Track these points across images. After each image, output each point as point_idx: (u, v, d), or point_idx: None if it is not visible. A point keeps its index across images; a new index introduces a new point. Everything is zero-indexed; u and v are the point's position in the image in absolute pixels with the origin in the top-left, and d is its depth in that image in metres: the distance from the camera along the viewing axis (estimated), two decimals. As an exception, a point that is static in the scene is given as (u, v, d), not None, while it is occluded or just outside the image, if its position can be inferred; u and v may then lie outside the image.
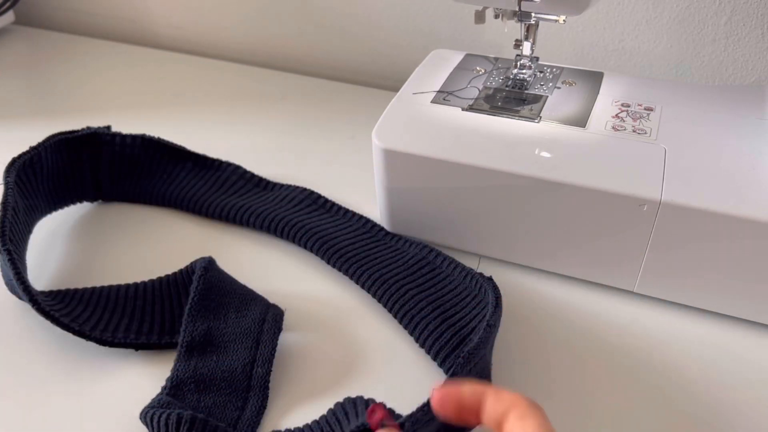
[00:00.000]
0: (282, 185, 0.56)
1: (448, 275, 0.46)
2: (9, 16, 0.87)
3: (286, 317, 0.44)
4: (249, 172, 0.57)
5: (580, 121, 0.47)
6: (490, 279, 0.43)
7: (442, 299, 0.44)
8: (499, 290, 0.42)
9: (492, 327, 0.39)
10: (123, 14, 0.88)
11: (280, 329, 0.42)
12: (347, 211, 0.53)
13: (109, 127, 0.55)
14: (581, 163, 0.44)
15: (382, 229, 0.51)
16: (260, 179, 0.56)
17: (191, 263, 0.45)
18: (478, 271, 0.45)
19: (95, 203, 0.56)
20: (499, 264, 0.50)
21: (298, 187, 0.55)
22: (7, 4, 0.85)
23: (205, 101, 0.72)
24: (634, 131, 0.46)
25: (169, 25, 0.86)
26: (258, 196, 0.55)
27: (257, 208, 0.52)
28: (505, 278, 0.49)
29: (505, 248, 0.49)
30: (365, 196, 0.56)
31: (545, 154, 0.45)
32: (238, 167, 0.57)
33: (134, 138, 0.55)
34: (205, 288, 0.42)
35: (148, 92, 0.74)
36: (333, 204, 0.53)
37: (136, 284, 0.45)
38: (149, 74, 0.78)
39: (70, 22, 0.92)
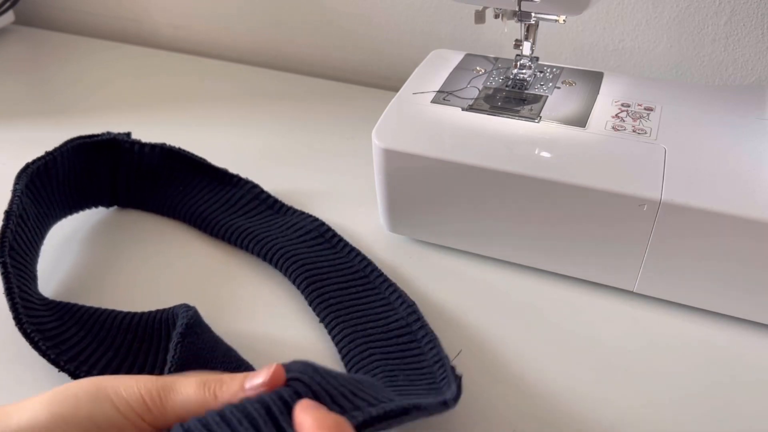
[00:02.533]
0: (295, 211, 0.53)
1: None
2: (9, 16, 0.87)
3: None
4: (265, 193, 0.54)
5: (580, 121, 0.47)
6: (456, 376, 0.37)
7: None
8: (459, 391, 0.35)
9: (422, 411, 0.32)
10: (123, 14, 0.88)
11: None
12: (352, 249, 0.49)
13: (129, 134, 0.54)
14: (581, 163, 0.44)
15: (380, 274, 0.47)
16: (275, 201, 0.54)
17: (173, 308, 0.43)
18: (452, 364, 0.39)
19: (111, 209, 0.56)
20: (500, 264, 0.50)
21: (309, 217, 0.52)
22: (7, 4, 0.85)
23: (205, 101, 0.72)
24: (634, 131, 0.46)
25: (169, 25, 0.86)
26: (266, 220, 0.53)
27: (261, 233, 0.51)
28: (505, 278, 0.49)
29: (505, 248, 0.49)
30: (365, 196, 0.56)
31: (545, 154, 0.45)
32: (255, 186, 0.55)
33: (153, 147, 0.54)
34: (183, 356, 0.39)
35: (148, 92, 0.74)
36: (339, 240, 0.50)
37: (132, 315, 0.43)
38: (149, 74, 0.78)
39: (70, 22, 0.92)
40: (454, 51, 0.57)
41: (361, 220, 0.54)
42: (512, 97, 0.51)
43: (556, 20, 0.47)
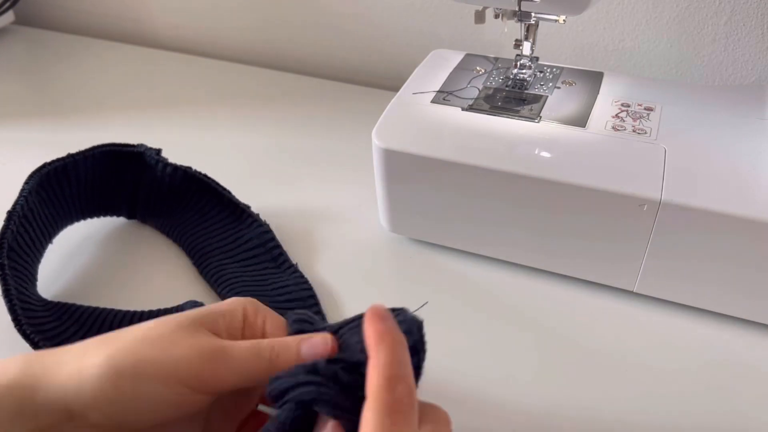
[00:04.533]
0: (295, 271, 0.48)
1: None
2: (9, 16, 0.87)
3: None
4: (274, 242, 0.50)
5: (580, 120, 0.47)
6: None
7: None
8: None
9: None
10: (123, 14, 0.88)
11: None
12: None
13: (159, 151, 0.52)
14: (581, 162, 0.44)
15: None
16: (279, 254, 0.50)
17: (180, 305, 0.43)
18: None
19: (128, 220, 0.55)
20: (499, 264, 0.50)
21: (305, 284, 0.47)
22: (7, 4, 0.85)
23: (205, 101, 0.72)
24: (634, 131, 0.46)
25: (169, 25, 0.86)
26: (261, 276, 0.48)
27: (244, 290, 0.47)
28: (504, 278, 0.49)
29: (505, 248, 0.49)
30: (365, 197, 0.56)
31: (545, 154, 0.45)
32: (266, 232, 0.51)
33: (177, 169, 0.52)
34: None
35: (148, 92, 0.74)
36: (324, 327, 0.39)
37: (133, 312, 0.43)
38: (149, 74, 0.78)
39: (70, 22, 0.92)
40: (454, 51, 0.57)
41: (361, 220, 0.54)
42: (512, 97, 0.51)
43: (556, 20, 0.47)
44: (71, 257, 0.51)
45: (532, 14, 0.47)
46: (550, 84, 0.52)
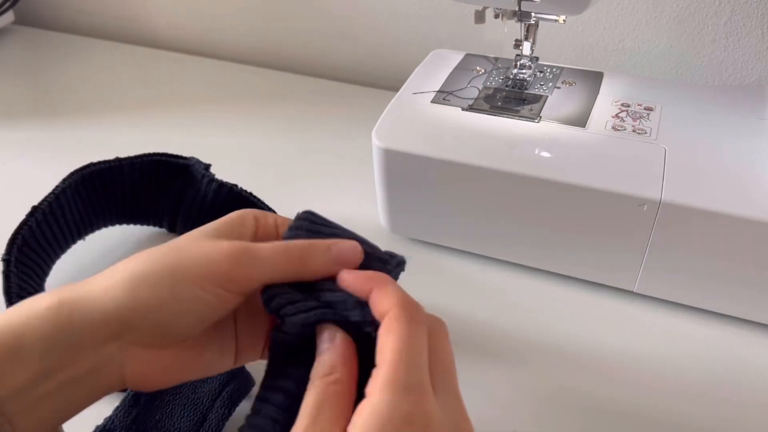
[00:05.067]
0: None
1: None
2: (9, 16, 0.87)
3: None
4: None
5: (580, 121, 0.47)
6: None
7: None
8: None
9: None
10: (123, 14, 0.88)
11: (234, 406, 0.38)
12: None
13: (208, 166, 0.51)
14: (581, 163, 0.44)
15: None
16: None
17: None
18: None
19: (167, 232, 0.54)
20: (499, 264, 0.50)
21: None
22: (7, 4, 0.85)
23: (205, 101, 0.72)
24: (634, 131, 0.46)
25: (169, 25, 0.86)
26: None
27: None
28: (504, 278, 0.49)
29: (505, 248, 0.49)
30: (365, 196, 0.56)
31: (545, 154, 0.45)
32: None
33: (222, 186, 0.50)
34: None
35: (148, 92, 0.74)
36: None
37: None
38: (149, 74, 0.78)
39: (70, 22, 0.92)
40: (454, 51, 0.57)
41: (361, 220, 0.54)
42: (512, 97, 0.51)
43: (556, 20, 0.47)
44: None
45: (532, 14, 0.47)
46: (550, 84, 0.52)
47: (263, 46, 0.83)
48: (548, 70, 0.54)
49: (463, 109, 0.49)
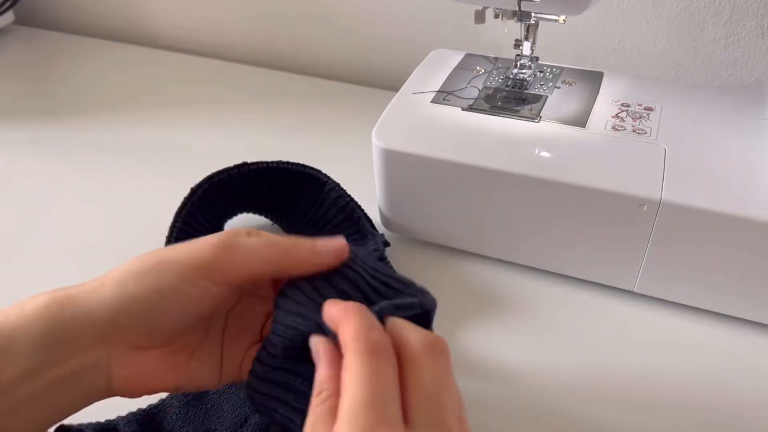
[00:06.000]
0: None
1: None
2: (9, 16, 0.87)
3: None
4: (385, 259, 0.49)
5: (580, 121, 0.47)
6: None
7: None
8: None
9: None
10: (123, 14, 0.88)
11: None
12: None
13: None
14: (581, 162, 0.44)
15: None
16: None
17: None
18: None
19: None
20: (499, 264, 0.50)
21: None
22: (7, 4, 0.85)
23: (205, 101, 0.72)
24: (634, 131, 0.46)
25: (169, 25, 0.86)
26: None
27: None
28: (504, 277, 0.49)
29: (505, 248, 0.49)
30: (365, 196, 0.56)
31: (545, 154, 0.45)
32: (383, 258, 0.49)
33: (342, 197, 0.50)
34: None
35: (148, 92, 0.74)
36: None
37: None
38: (149, 74, 0.78)
39: (70, 22, 0.92)
40: (454, 51, 0.57)
41: (361, 220, 0.54)
42: (512, 97, 0.51)
43: (556, 20, 0.47)
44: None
45: (532, 14, 0.47)
46: (550, 84, 0.52)
47: (263, 46, 0.83)
48: (548, 70, 0.54)
49: (463, 109, 0.49)
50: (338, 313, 0.28)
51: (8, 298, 0.30)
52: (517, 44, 0.50)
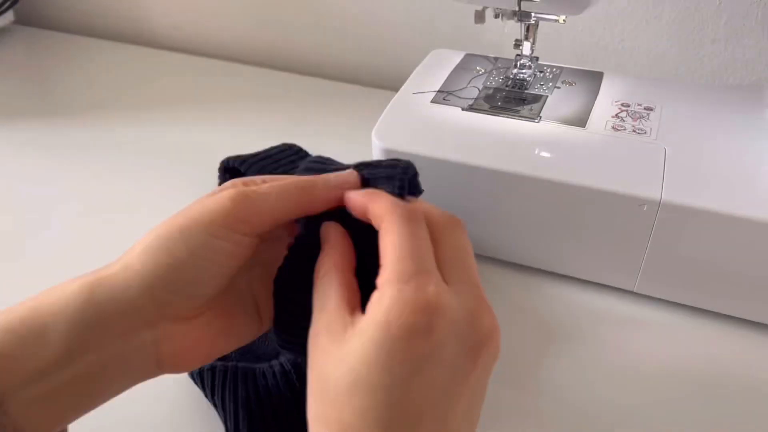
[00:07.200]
0: None
1: None
2: (9, 16, 0.87)
3: None
4: None
5: (580, 121, 0.47)
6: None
7: None
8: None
9: None
10: (123, 14, 0.88)
11: None
12: None
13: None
14: (581, 163, 0.44)
15: None
16: None
17: None
18: None
19: None
20: (499, 264, 0.50)
21: None
22: (7, 4, 0.85)
23: (205, 101, 0.72)
24: (634, 131, 0.46)
25: (169, 25, 0.86)
26: None
27: None
28: (505, 278, 0.49)
29: (505, 248, 0.49)
30: (365, 196, 0.56)
31: (545, 154, 0.45)
32: None
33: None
34: None
35: (148, 92, 0.74)
36: None
37: None
38: (149, 74, 0.78)
39: (70, 22, 0.92)
40: (454, 51, 0.57)
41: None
42: (512, 97, 0.51)
43: (556, 20, 0.47)
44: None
45: (532, 14, 0.47)
46: (550, 84, 0.52)
47: (263, 46, 0.83)
48: (548, 70, 0.54)
49: (463, 109, 0.49)
50: (366, 196, 0.30)
51: (8, 298, 0.30)
52: (517, 44, 0.50)
